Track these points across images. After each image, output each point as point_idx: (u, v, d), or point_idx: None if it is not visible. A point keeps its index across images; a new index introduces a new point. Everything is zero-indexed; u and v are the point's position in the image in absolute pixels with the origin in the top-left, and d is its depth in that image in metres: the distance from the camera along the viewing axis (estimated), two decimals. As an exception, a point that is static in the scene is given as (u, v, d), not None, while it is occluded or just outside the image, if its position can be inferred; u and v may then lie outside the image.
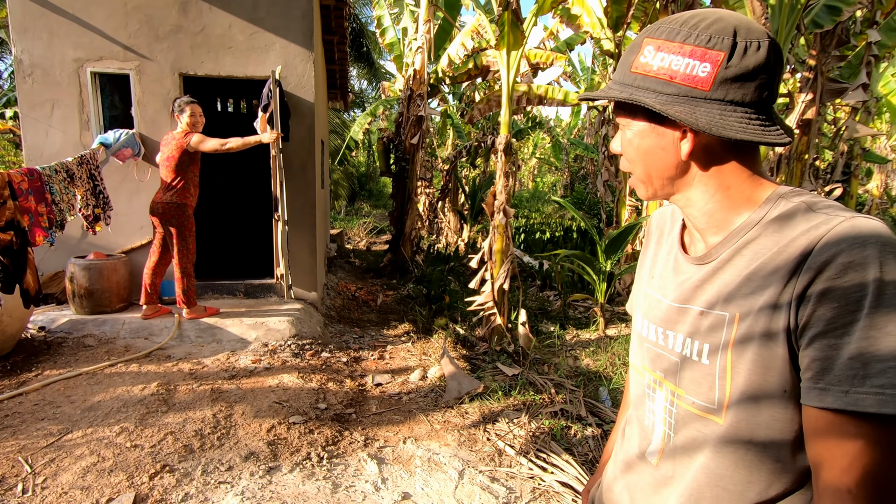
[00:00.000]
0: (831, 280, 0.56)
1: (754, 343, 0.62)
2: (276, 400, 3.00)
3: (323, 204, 6.53)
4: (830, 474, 0.57)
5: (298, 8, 4.36)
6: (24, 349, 3.50)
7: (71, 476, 2.19)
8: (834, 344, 0.56)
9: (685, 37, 0.65)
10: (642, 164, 0.73)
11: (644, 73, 0.68)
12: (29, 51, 4.06)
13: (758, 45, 0.63)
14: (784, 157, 4.41)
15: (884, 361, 0.53)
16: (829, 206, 0.63)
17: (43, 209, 3.10)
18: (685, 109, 0.64)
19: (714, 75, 0.63)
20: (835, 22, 4.05)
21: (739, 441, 0.65)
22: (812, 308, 0.57)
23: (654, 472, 0.77)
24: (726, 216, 0.69)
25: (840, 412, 0.55)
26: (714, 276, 0.68)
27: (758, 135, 0.63)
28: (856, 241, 0.56)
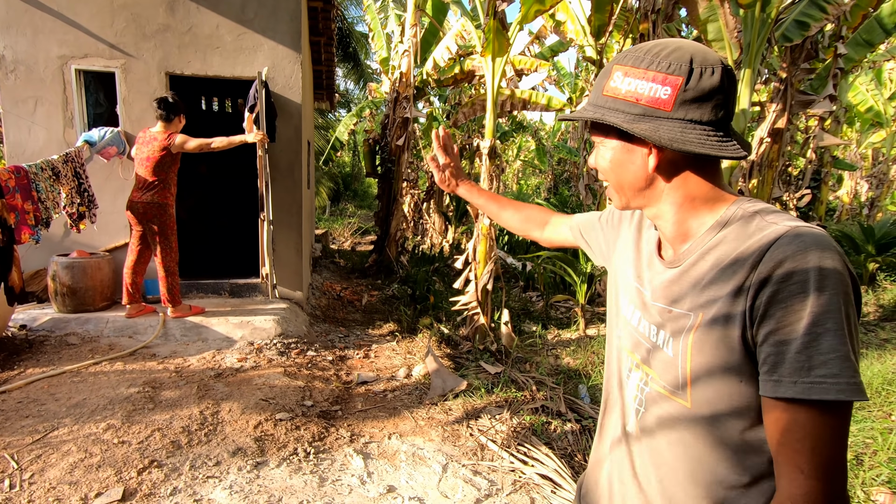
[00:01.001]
0: (778, 284, 0.64)
1: (713, 338, 0.70)
2: (262, 397, 3.04)
3: (309, 204, 6.55)
4: (785, 455, 0.64)
5: (286, 10, 4.41)
6: (5, 348, 3.47)
7: (58, 472, 2.21)
8: (784, 340, 0.63)
9: (648, 64, 0.74)
10: (615, 177, 0.82)
11: (614, 96, 0.77)
12: (12, 47, 4.02)
13: (712, 71, 0.71)
14: (756, 164, 4.59)
15: (824, 354, 0.61)
16: (779, 217, 0.71)
17: (29, 207, 3.10)
18: (650, 127, 0.73)
19: (674, 97, 0.72)
20: (803, 36, 4.25)
21: (703, 422, 0.73)
22: (764, 309, 0.65)
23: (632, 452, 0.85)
24: (691, 226, 0.78)
25: (791, 401, 0.63)
26: (680, 278, 0.77)
27: (715, 149, 0.71)
28: (798, 249, 0.64)
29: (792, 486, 0.64)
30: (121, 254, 4.32)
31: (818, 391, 0.61)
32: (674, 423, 0.77)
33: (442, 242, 9.89)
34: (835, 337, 0.61)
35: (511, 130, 14.09)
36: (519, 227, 1.27)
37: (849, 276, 0.64)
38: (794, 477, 0.64)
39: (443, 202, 10.47)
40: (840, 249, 0.65)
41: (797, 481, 0.64)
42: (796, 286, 0.63)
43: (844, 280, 0.63)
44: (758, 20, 4.09)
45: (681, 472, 0.77)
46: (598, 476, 0.94)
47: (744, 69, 4.24)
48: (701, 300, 0.73)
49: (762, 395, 0.67)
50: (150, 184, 3.77)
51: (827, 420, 0.62)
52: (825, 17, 4.32)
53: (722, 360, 0.70)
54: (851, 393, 0.61)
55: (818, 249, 0.63)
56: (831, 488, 0.63)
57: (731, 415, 0.71)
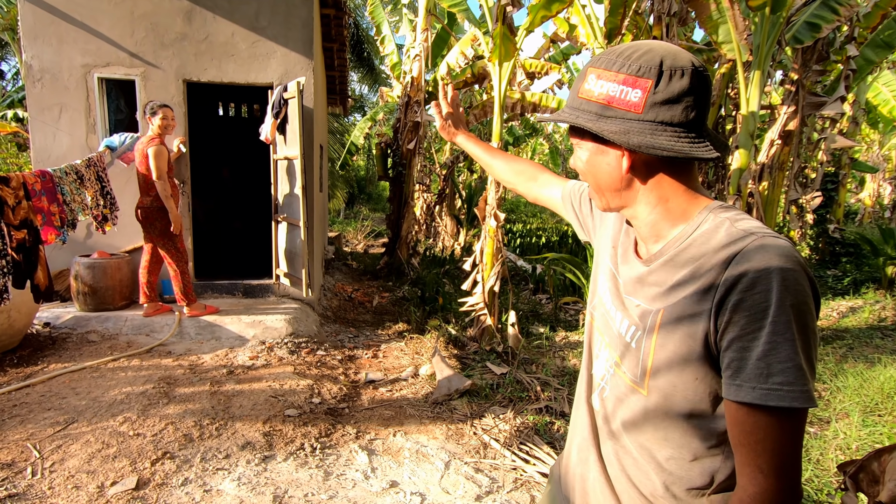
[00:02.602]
0: (742, 293, 0.66)
1: (676, 336, 0.74)
2: (272, 394, 3.13)
3: (321, 207, 6.67)
4: (745, 455, 0.68)
5: (299, 17, 4.52)
6: (30, 344, 3.63)
7: (77, 461, 2.32)
8: (745, 347, 0.66)
9: (619, 66, 0.74)
10: (593, 178, 0.84)
11: (588, 99, 0.78)
12: (39, 56, 4.21)
13: (681, 73, 0.72)
14: (767, 166, 4.56)
15: (783, 363, 0.64)
16: (747, 222, 0.73)
17: (55, 209, 3.24)
18: (621, 129, 0.74)
19: (644, 100, 0.73)
20: (814, 38, 4.21)
21: (656, 410, 0.77)
22: (728, 316, 0.67)
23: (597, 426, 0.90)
24: (664, 227, 0.80)
25: (750, 405, 0.66)
26: (649, 276, 0.80)
27: (685, 150, 0.72)
28: (763, 259, 0.66)
29: (752, 483, 0.68)
30: (139, 255, 4.46)
31: (775, 398, 0.64)
32: (629, 406, 0.82)
33: (453, 245, 9.94)
34: (792, 347, 0.64)
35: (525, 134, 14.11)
36: (509, 178, 1.27)
37: (809, 285, 0.67)
38: (754, 475, 0.67)
39: (454, 205, 10.54)
40: (802, 260, 0.68)
41: (757, 479, 0.67)
42: (760, 295, 0.65)
43: (805, 290, 0.66)
44: (768, 22, 4.07)
45: (633, 449, 0.82)
46: (571, 450, 0.99)
47: (753, 71, 4.22)
48: (668, 298, 0.76)
49: (725, 398, 0.70)
50: (146, 186, 3.88)
51: (783, 423, 0.66)
52: (837, 18, 4.28)
53: (682, 357, 0.73)
54: (804, 400, 0.64)
55: (781, 260, 0.65)
56: (787, 485, 0.67)
57: (682, 407, 0.75)
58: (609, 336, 0.88)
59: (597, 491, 0.87)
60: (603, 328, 0.90)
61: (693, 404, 0.74)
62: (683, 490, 0.77)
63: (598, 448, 0.88)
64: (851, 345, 4.74)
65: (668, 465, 0.78)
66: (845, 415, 3.27)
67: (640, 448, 0.80)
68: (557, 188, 1.17)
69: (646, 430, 0.79)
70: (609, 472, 0.86)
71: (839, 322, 5.68)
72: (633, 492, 0.82)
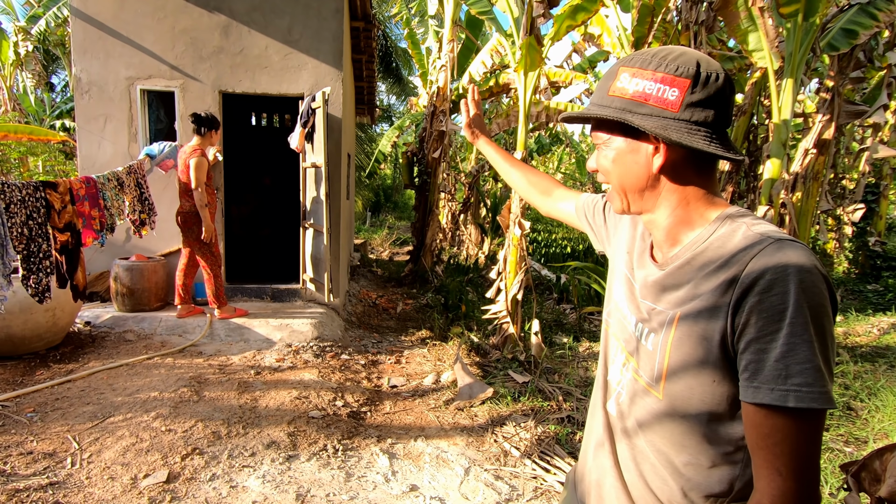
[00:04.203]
0: (760, 294, 0.66)
1: (692, 338, 0.74)
2: (297, 396, 3.20)
3: (347, 214, 6.80)
4: (763, 458, 0.68)
5: (329, 30, 4.67)
6: (72, 341, 3.81)
7: (113, 454, 2.43)
8: (763, 349, 0.66)
9: (657, 66, 0.76)
10: (618, 177, 0.83)
11: (621, 96, 0.78)
12: (87, 70, 4.46)
13: (717, 77, 0.74)
14: (800, 175, 4.43)
15: (801, 364, 0.64)
16: (764, 226, 0.73)
17: (96, 213, 3.42)
18: (660, 125, 0.75)
19: (682, 99, 0.74)
20: (850, 45, 4.10)
21: (672, 413, 0.77)
22: (745, 318, 0.67)
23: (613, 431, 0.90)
24: (682, 231, 0.80)
25: (769, 406, 0.66)
26: (666, 279, 0.80)
27: (720, 150, 0.74)
28: (780, 262, 0.66)
29: (770, 486, 0.67)
30: (174, 258, 4.65)
31: (794, 399, 0.64)
32: (646, 410, 0.82)
33: (478, 253, 9.95)
34: (810, 348, 0.64)
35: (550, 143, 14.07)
36: (524, 189, 1.30)
37: (826, 288, 0.67)
38: (773, 478, 0.67)
39: (479, 214, 10.56)
40: (819, 263, 0.68)
41: (775, 482, 0.67)
42: (777, 297, 0.65)
43: (822, 293, 0.66)
44: (800, 29, 3.99)
45: (650, 454, 0.81)
46: (587, 456, 0.98)
47: (785, 79, 4.14)
48: (684, 301, 0.76)
49: (742, 400, 0.70)
50: (186, 194, 4.05)
51: (802, 425, 0.65)
52: (876, 24, 4.15)
53: (698, 360, 0.73)
54: (823, 401, 0.64)
55: (798, 262, 0.66)
56: (806, 488, 0.66)
57: (699, 410, 0.75)
58: (625, 340, 0.88)
59: (612, 497, 0.87)
60: (619, 333, 0.91)
61: (710, 408, 0.74)
62: (702, 497, 0.76)
63: (615, 453, 0.88)
64: (892, 363, 4.53)
65: (686, 471, 0.77)
66: (884, 435, 3.13)
67: (658, 453, 0.80)
68: (571, 202, 1.19)
69: (663, 434, 0.79)
70: (625, 478, 0.85)
71: (880, 339, 5.44)
72: (650, 497, 0.81)
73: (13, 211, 2.64)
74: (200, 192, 3.92)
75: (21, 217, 2.72)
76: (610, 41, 6.53)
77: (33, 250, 2.81)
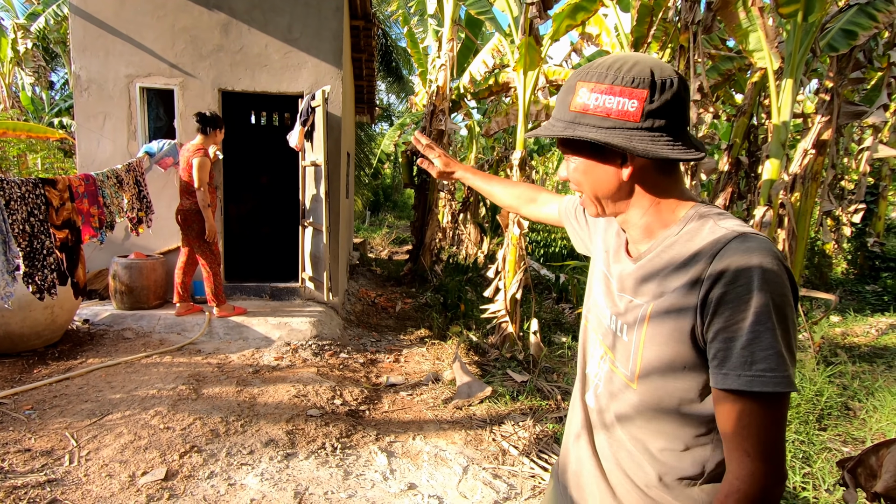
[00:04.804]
0: (726, 286, 0.71)
1: (665, 328, 0.78)
2: (295, 394, 3.20)
3: (347, 213, 6.80)
4: (733, 441, 0.72)
5: (329, 29, 4.67)
6: (71, 339, 3.81)
7: (111, 451, 2.43)
8: (730, 338, 0.70)
9: (613, 79, 0.78)
10: (590, 187, 0.87)
11: (583, 111, 0.81)
12: (87, 67, 4.45)
13: (671, 82, 0.77)
14: (800, 176, 4.44)
15: (764, 351, 0.68)
16: (730, 220, 0.78)
17: (95, 211, 3.42)
18: (624, 138, 0.78)
19: (641, 109, 0.77)
20: (850, 45, 4.11)
21: (646, 402, 0.81)
22: (713, 309, 0.72)
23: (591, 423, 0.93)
24: (655, 228, 0.84)
25: (736, 392, 0.70)
26: (639, 273, 0.84)
27: (682, 154, 0.78)
28: (744, 254, 0.71)
29: (739, 467, 0.72)
30: (173, 256, 4.64)
31: (758, 383, 0.68)
32: (622, 400, 0.86)
33: (476, 253, 9.96)
34: (773, 336, 0.68)
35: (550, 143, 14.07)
36: (510, 202, 1.33)
37: (787, 278, 0.71)
38: (742, 459, 0.71)
39: (478, 213, 10.56)
40: (781, 255, 0.72)
41: (744, 463, 0.71)
42: (742, 288, 0.70)
43: (784, 283, 0.70)
44: (800, 30, 3.99)
45: (627, 442, 0.85)
46: (568, 447, 1.02)
47: (785, 79, 4.14)
48: (657, 293, 0.80)
49: (713, 387, 0.74)
50: (187, 192, 4.05)
51: (767, 408, 0.70)
52: (875, 25, 4.16)
53: (671, 351, 0.77)
54: (785, 385, 0.68)
55: (761, 255, 0.70)
56: (772, 467, 0.71)
57: (672, 398, 0.79)
58: (603, 335, 0.92)
59: (592, 484, 0.91)
60: (597, 328, 0.94)
61: (682, 395, 0.78)
62: (676, 480, 0.80)
63: (593, 443, 0.92)
64: (891, 363, 4.54)
65: (662, 456, 0.81)
66: (882, 435, 3.14)
67: (634, 440, 0.84)
68: (555, 205, 1.23)
69: (639, 422, 0.83)
70: (604, 466, 0.89)
71: (878, 340, 5.45)
72: (627, 483, 0.85)
73: (14, 208, 2.64)
74: (203, 192, 3.91)
75: (22, 214, 2.71)
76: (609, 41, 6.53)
77: (36, 247, 2.81)
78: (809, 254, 7.96)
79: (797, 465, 2.73)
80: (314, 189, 4.63)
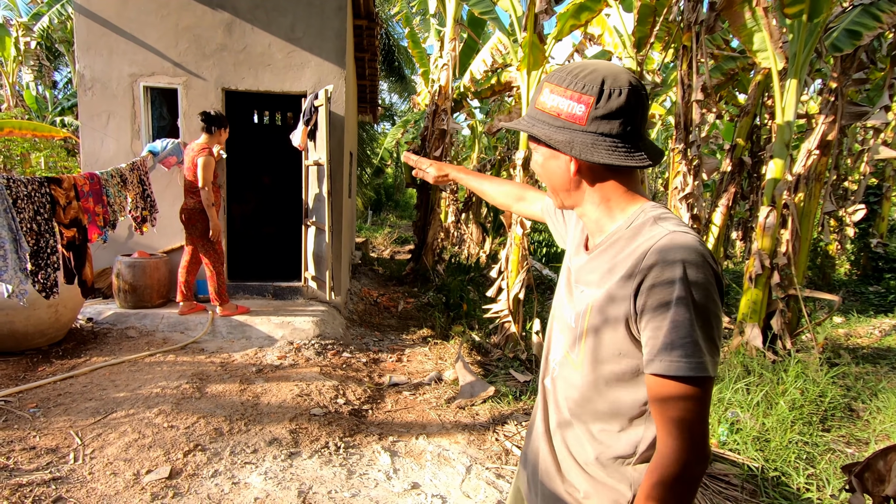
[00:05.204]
0: (654, 279, 0.77)
1: (604, 316, 0.85)
2: (298, 393, 3.21)
3: (349, 212, 6.81)
4: (659, 421, 0.79)
5: (332, 28, 4.67)
6: (74, 337, 3.82)
7: (115, 449, 2.43)
8: (657, 326, 0.77)
9: (568, 84, 0.85)
10: (548, 180, 0.94)
11: (542, 110, 0.89)
12: (91, 66, 4.46)
13: (619, 92, 0.82)
14: (803, 177, 4.43)
15: (682, 339, 0.75)
16: (668, 221, 0.83)
17: (100, 210, 3.43)
18: (566, 139, 0.85)
19: (587, 114, 0.83)
20: (854, 46, 4.10)
21: (591, 388, 0.89)
22: (643, 300, 0.79)
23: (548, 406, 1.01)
24: (606, 223, 0.90)
25: (661, 376, 0.77)
26: (588, 265, 0.92)
27: (621, 159, 0.83)
28: (671, 251, 0.77)
29: (663, 445, 0.79)
30: (177, 255, 4.65)
31: (674, 368, 0.76)
32: (570, 383, 0.94)
33: (479, 252, 9.96)
34: (691, 325, 0.75)
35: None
36: (501, 200, 1.40)
37: (711, 275, 0.77)
38: (665, 438, 0.78)
39: (480, 212, 10.56)
40: (707, 253, 0.78)
41: (666, 441, 0.78)
42: (667, 283, 0.76)
43: (705, 278, 0.76)
44: (805, 30, 3.98)
45: (573, 422, 0.93)
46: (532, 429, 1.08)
47: (789, 80, 4.13)
48: (600, 284, 0.87)
49: (644, 372, 0.81)
50: (191, 191, 4.05)
51: (686, 391, 0.76)
52: (879, 26, 4.15)
53: (609, 337, 0.85)
54: (699, 370, 0.75)
55: (685, 252, 0.77)
56: (692, 444, 0.77)
57: (610, 382, 0.87)
58: (561, 323, 0.99)
59: (547, 462, 0.98)
60: (559, 318, 1.01)
61: (619, 379, 0.85)
62: (611, 459, 0.87)
63: (548, 424, 1.00)
64: (894, 364, 4.54)
65: (600, 436, 0.88)
66: (886, 436, 3.13)
67: (578, 421, 0.92)
68: (539, 202, 1.30)
69: (582, 404, 0.91)
70: (554, 444, 0.97)
71: (881, 341, 5.44)
72: (571, 461, 0.93)
73: (21, 206, 2.65)
74: (207, 191, 3.92)
75: (29, 213, 2.72)
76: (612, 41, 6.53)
77: (42, 246, 2.82)
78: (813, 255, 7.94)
79: (801, 466, 2.73)
80: (317, 188, 4.64)
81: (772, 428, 2.99)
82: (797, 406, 3.24)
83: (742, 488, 2.49)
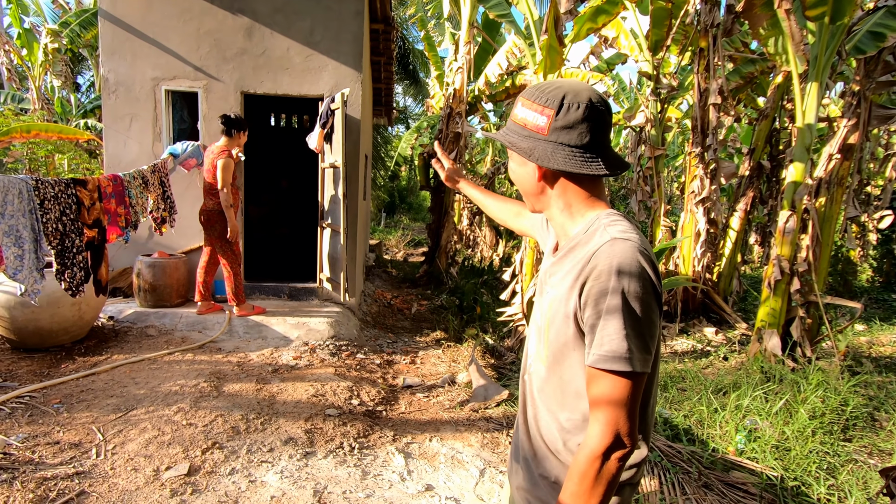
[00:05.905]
0: (594, 281, 0.85)
1: (560, 314, 0.93)
2: (313, 393, 3.24)
3: (364, 215, 6.85)
4: (592, 408, 0.88)
5: (350, 32, 4.72)
6: (96, 335, 3.91)
7: (136, 445, 2.48)
8: (593, 324, 0.86)
9: (535, 98, 0.93)
10: (519, 184, 1.03)
11: (514, 121, 0.98)
12: (115, 70, 4.57)
13: (578, 106, 0.90)
14: (824, 181, 4.35)
15: (611, 335, 0.83)
16: (614, 227, 0.89)
17: (122, 211, 3.51)
18: (529, 146, 0.93)
19: (549, 125, 0.91)
20: (878, 48, 4.01)
21: (555, 380, 0.97)
22: (584, 299, 0.87)
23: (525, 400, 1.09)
24: (569, 227, 0.98)
25: (593, 368, 0.86)
26: (553, 267, 1.00)
27: (577, 167, 0.90)
28: (609, 256, 0.85)
29: (591, 428, 0.87)
30: (195, 256, 4.73)
31: (601, 361, 0.84)
32: (540, 377, 1.02)
33: (492, 255, 9.94)
34: (619, 323, 0.83)
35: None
36: (501, 215, 1.49)
37: (646, 277, 0.84)
38: (593, 425, 0.86)
39: (494, 216, 10.54)
40: (644, 258, 0.85)
41: (594, 428, 0.86)
42: (602, 283, 0.84)
43: (639, 280, 0.83)
44: (826, 32, 3.92)
45: (544, 412, 1.01)
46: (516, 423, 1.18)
47: (810, 82, 4.07)
48: (559, 285, 0.95)
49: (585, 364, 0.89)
50: (210, 193, 4.12)
51: (612, 383, 0.84)
52: (905, 26, 4.06)
53: (563, 332, 0.93)
54: (622, 365, 0.83)
55: (622, 257, 0.84)
56: (615, 432, 0.84)
57: (570, 375, 0.95)
58: (534, 321, 1.07)
59: (525, 449, 1.07)
60: (533, 316, 1.09)
61: (575, 372, 0.93)
62: (576, 446, 0.95)
63: (525, 416, 1.08)
64: (919, 373, 4.41)
65: (567, 425, 0.96)
66: (910, 447, 3.05)
67: (548, 411, 1.00)
68: (531, 219, 1.37)
69: (550, 395, 0.99)
70: (530, 433, 1.05)
71: (905, 349, 5.30)
72: (544, 448, 1.01)
73: (48, 207, 2.73)
74: (226, 193, 3.99)
75: (55, 213, 2.80)
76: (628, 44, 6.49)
77: (67, 245, 2.89)
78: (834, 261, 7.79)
79: (822, 476, 2.68)
80: (332, 190, 4.68)
81: (791, 437, 2.94)
82: (818, 415, 3.18)
83: (760, 497, 2.45)
